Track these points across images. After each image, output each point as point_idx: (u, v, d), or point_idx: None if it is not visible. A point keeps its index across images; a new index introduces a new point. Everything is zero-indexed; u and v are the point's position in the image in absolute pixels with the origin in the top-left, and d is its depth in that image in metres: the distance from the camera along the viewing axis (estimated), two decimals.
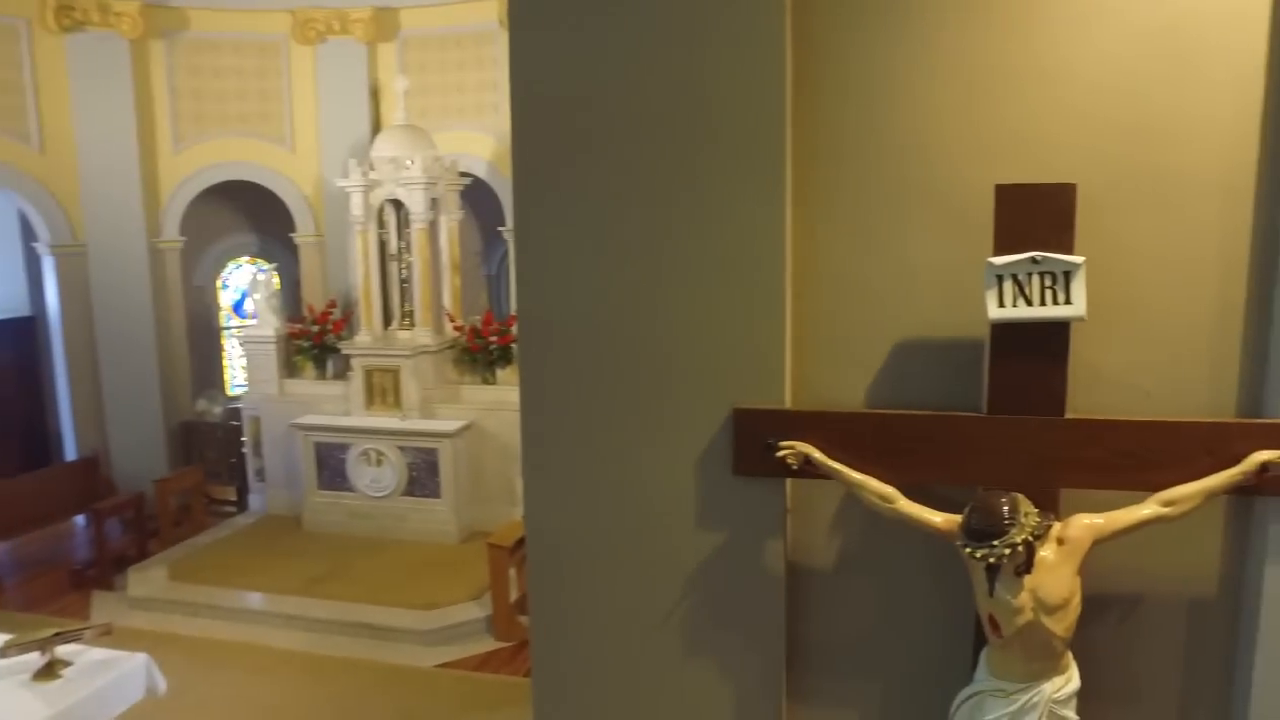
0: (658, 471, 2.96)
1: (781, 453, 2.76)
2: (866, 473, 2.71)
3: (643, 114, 2.82)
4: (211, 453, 11.25)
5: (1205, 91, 2.60)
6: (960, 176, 2.74)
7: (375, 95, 10.62)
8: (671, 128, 2.80)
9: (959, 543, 2.46)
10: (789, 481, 2.92)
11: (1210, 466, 2.55)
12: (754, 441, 2.81)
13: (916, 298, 2.81)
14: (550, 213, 2.95)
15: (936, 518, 2.62)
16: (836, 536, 2.99)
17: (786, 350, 2.83)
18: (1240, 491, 2.56)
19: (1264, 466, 2.51)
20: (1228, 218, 2.63)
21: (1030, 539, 2.40)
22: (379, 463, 9.77)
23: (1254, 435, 2.55)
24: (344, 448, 9.87)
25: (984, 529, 2.40)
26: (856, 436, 2.75)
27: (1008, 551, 2.37)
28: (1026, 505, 2.44)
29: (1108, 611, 2.85)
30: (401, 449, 9.66)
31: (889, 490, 2.67)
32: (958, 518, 2.51)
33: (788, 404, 2.86)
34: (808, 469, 2.76)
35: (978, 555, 2.40)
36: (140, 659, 5.54)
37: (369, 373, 9.85)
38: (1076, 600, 2.52)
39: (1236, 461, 2.53)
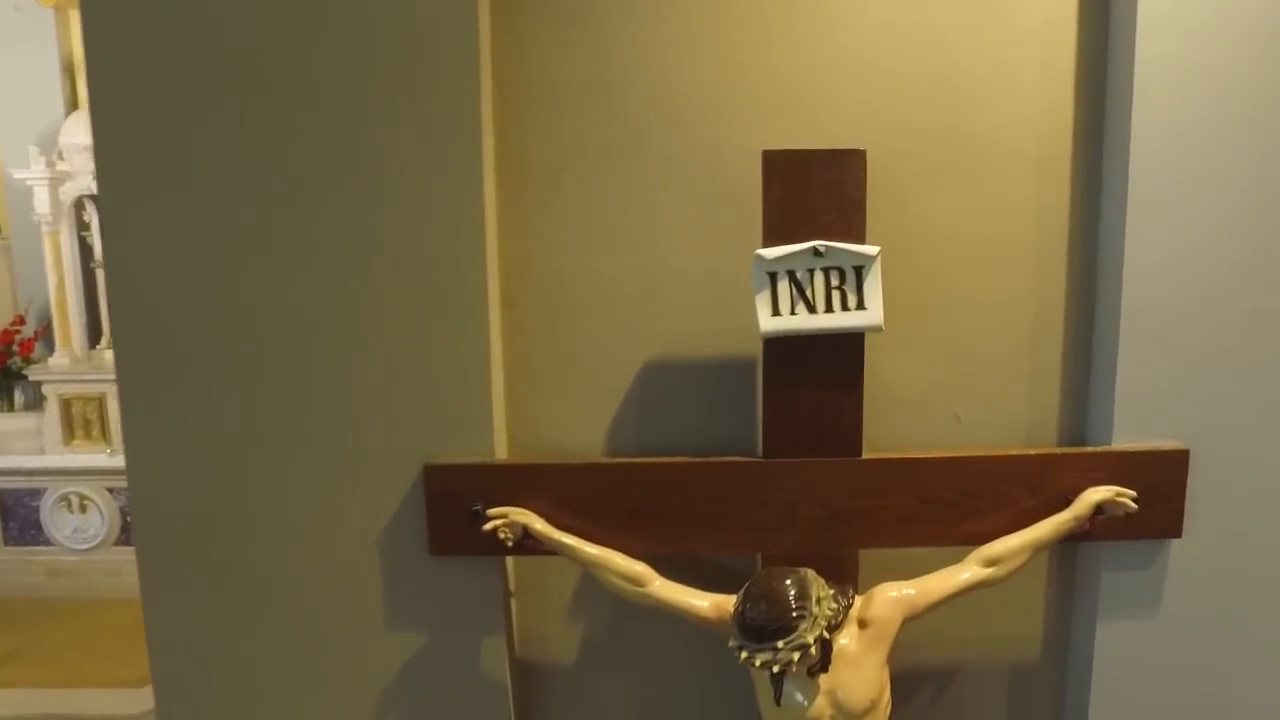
0: (325, 555, 2.11)
1: (491, 524, 1.98)
2: (609, 544, 2.00)
3: (278, 54, 1.95)
4: None
5: (1012, 41, 2.05)
6: (721, 142, 2.07)
7: (70, 71, 8.96)
8: (319, 72, 1.95)
9: (732, 644, 1.77)
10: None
11: (1034, 509, 2.04)
12: (454, 509, 2.02)
13: (669, 304, 2.12)
14: (153, 194, 2.01)
15: (702, 603, 1.94)
16: (578, 622, 2.26)
17: (494, 380, 2.05)
18: (1068, 538, 2.03)
19: (1098, 508, 1.99)
20: (1043, 197, 2.10)
21: (826, 635, 1.75)
22: (83, 509, 8.20)
23: (1083, 467, 2.05)
24: (37, 493, 8.21)
25: (763, 625, 1.73)
26: (594, 495, 2.03)
27: (795, 656, 1.72)
28: (819, 586, 1.79)
29: (918, 692, 2.28)
30: (112, 490, 8.10)
31: (639, 569, 1.97)
32: (731, 601, 1.83)
33: (500, 455, 2.08)
34: (528, 544, 2.00)
35: (757, 662, 1.73)
36: None
37: (67, 402, 8.24)
38: (886, 698, 1.93)
39: (1062, 499, 2.04)
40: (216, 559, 2.13)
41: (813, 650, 1.72)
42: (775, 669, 1.72)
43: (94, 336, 8.74)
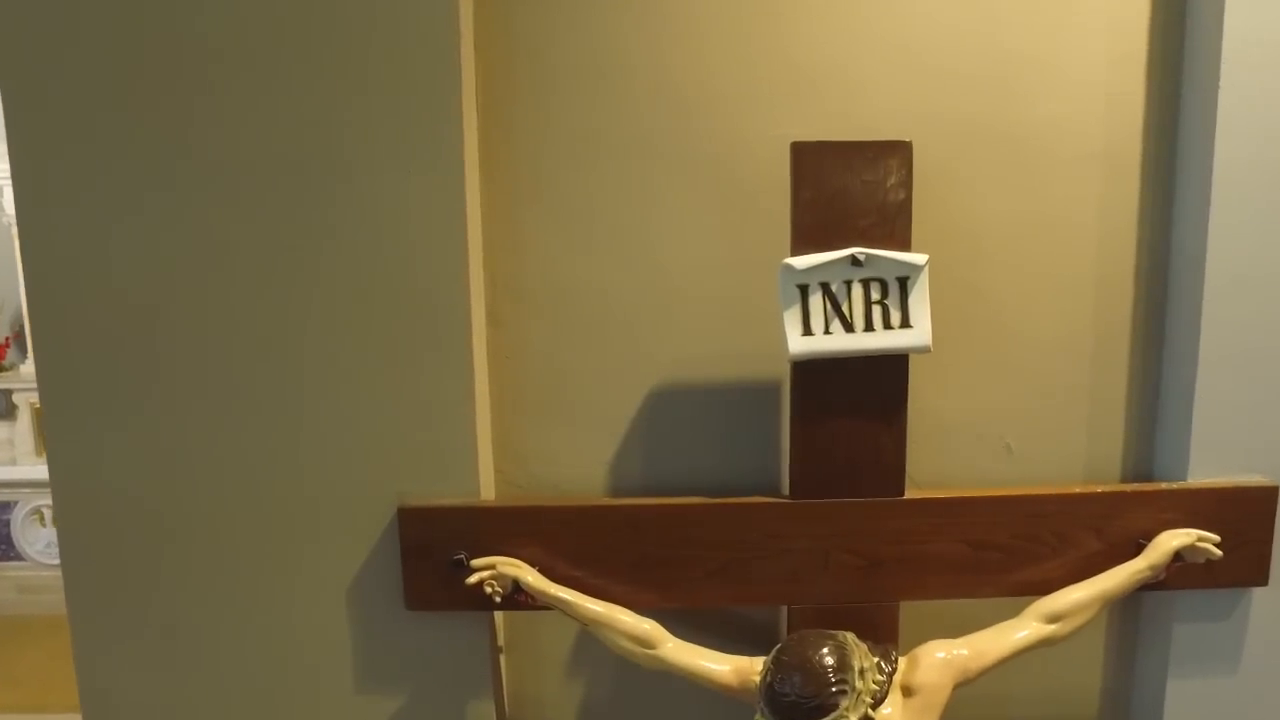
0: (287, 609, 1.84)
1: (476, 576, 1.71)
2: (612, 598, 1.74)
3: (224, 31, 1.67)
4: None
5: (1074, 19, 1.79)
6: (741, 135, 1.80)
7: None
8: (274, 57, 1.66)
9: None
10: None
11: (1100, 554, 1.80)
12: (433, 558, 1.75)
13: (681, 322, 1.85)
14: (84, 198, 1.73)
15: (723, 667, 1.68)
16: (576, 681, 2.00)
17: (479, 409, 1.78)
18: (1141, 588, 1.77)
19: (1176, 555, 1.73)
20: (1109, 199, 1.84)
21: (870, 714, 1.48)
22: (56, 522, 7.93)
23: (1155, 506, 1.81)
24: (9, 506, 7.93)
25: (798, 702, 1.47)
26: (594, 541, 1.77)
27: None
28: (861, 654, 1.53)
29: None
30: None
31: (647, 628, 1.70)
32: (756, 666, 1.57)
33: (486, 495, 1.81)
34: (519, 599, 1.73)
35: None
36: None
37: (39, 411, 7.97)
38: None
39: (1131, 543, 1.79)
40: (162, 612, 1.85)
41: None
42: None
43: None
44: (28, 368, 8.08)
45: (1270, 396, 1.80)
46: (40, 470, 7.90)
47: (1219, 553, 1.74)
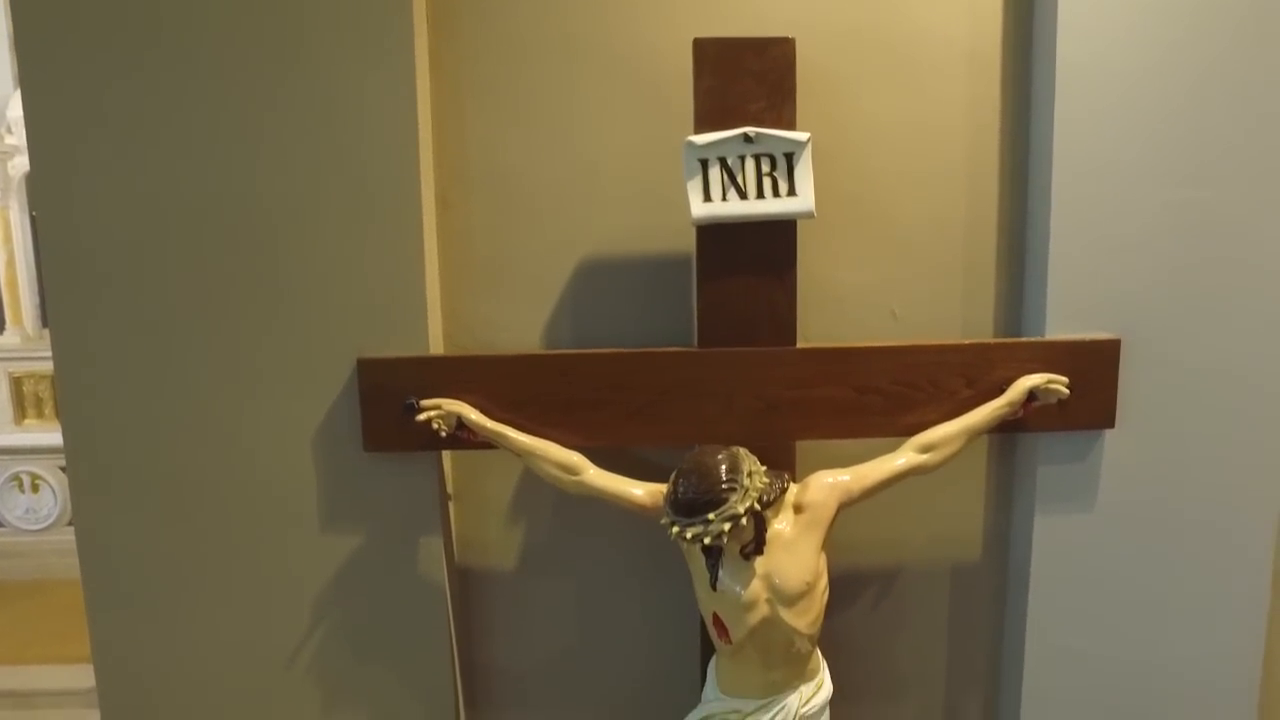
0: (257, 455, 2.08)
1: (424, 414, 1.96)
2: (545, 435, 1.98)
3: None
4: None
5: None
6: (656, 37, 2.05)
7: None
8: None
9: (664, 520, 1.77)
10: (449, 457, 2.14)
11: (970, 400, 2.06)
12: (389, 403, 2.00)
13: (605, 200, 2.10)
14: (74, 96, 1.97)
15: (637, 490, 1.93)
16: (518, 526, 2.25)
17: (429, 276, 2.03)
18: (1004, 428, 2.04)
19: (1031, 395, 2.00)
20: (976, 94, 2.11)
21: (757, 507, 1.74)
22: (35, 488, 8.05)
23: (1018, 357, 2.07)
24: None
25: (694, 498, 1.73)
26: (529, 387, 2.01)
27: (727, 526, 1.71)
28: (750, 461, 1.79)
29: (860, 595, 2.29)
30: (64, 469, 7.96)
31: (573, 458, 1.95)
32: (664, 488, 1.83)
33: (435, 349, 2.06)
34: (462, 436, 1.98)
35: (688, 535, 1.73)
36: None
37: (18, 380, 8.08)
38: (823, 584, 1.91)
39: (998, 391, 2.05)
40: (147, 460, 2.09)
41: (744, 521, 1.72)
42: (707, 540, 1.71)
43: (46, 314, 8.55)
44: (6, 338, 8.20)
45: (1113, 265, 2.07)
46: (19, 437, 8.07)
47: (1067, 392, 2.01)
